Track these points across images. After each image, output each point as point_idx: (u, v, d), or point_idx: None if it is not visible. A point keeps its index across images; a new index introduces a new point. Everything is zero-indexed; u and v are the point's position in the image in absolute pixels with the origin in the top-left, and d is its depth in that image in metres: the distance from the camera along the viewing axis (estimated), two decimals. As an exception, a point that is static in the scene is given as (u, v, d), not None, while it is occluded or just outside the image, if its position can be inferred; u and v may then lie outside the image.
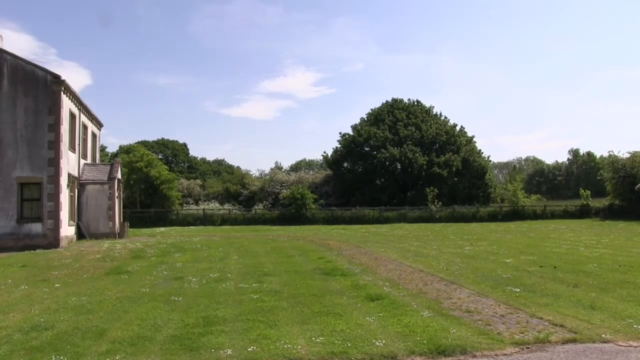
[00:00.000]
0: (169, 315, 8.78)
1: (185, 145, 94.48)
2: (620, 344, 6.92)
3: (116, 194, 30.02)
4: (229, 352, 6.58)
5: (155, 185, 45.60)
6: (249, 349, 6.65)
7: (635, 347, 6.81)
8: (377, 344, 6.81)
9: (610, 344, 6.92)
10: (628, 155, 45.66)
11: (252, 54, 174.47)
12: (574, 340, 7.03)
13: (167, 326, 8.01)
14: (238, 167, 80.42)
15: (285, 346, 6.74)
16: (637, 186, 40.70)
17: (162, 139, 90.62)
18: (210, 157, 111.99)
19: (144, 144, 73.76)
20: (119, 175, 31.25)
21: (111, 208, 29.27)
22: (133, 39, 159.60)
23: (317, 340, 7.04)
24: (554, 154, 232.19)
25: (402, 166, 53.75)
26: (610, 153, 48.03)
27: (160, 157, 70.76)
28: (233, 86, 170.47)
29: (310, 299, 9.98)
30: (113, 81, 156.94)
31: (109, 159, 50.15)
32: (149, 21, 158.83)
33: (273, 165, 76.05)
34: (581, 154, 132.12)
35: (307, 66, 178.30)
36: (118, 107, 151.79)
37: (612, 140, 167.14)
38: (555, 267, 13.98)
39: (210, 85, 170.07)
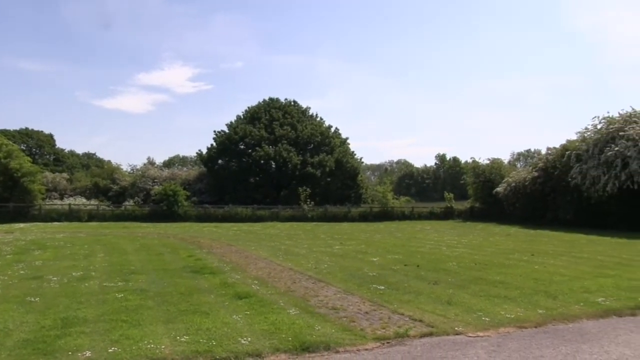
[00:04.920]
0: (23, 317, 8.26)
1: (51, 136, 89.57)
2: (470, 335, 7.46)
3: (-31, 187, 27.77)
4: (88, 354, 6.32)
5: (16, 178, 42.55)
6: (110, 350, 6.44)
7: (482, 336, 7.41)
8: (243, 342, 6.83)
9: (461, 335, 7.45)
10: (488, 162, 48.64)
11: (128, 45, 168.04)
12: (430, 334, 7.46)
13: (20, 330, 7.53)
14: (109, 162, 76.95)
15: (149, 346, 6.59)
16: (495, 190, 43.51)
17: (26, 128, 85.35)
18: (80, 150, 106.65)
19: (4, 133, 68.71)
20: (-27, 167, 28.94)
21: (-37, 202, 27.03)
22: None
23: (182, 339, 6.94)
24: (423, 158, 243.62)
25: (276, 165, 53.96)
26: (473, 159, 51.01)
27: (22, 147, 66.28)
28: (107, 77, 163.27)
29: (177, 297, 9.82)
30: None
31: (-38, 149, 46.23)
32: (15, 1, 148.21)
33: (146, 161, 73.47)
34: (448, 159, 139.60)
35: (184, 61, 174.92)
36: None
37: (476, 147, 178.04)
38: (418, 265, 14.64)
39: (82, 74, 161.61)
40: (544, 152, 43.62)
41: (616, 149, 31.87)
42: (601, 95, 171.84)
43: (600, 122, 36.06)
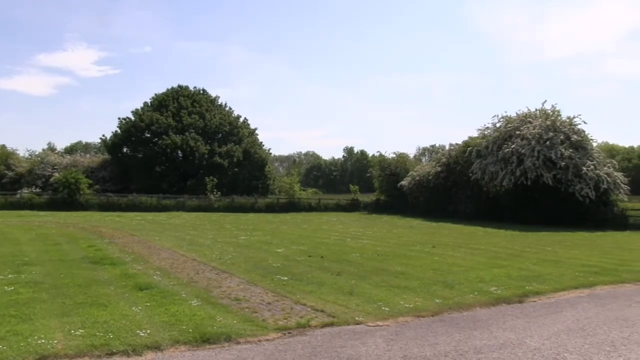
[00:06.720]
0: None
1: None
2: (370, 324, 7.64)
3: None
4: (-32, 353, 5.93)
5: None
6: (-5, 348, 6.06)
7: (381, 326, 7.61)
8: (141, 334, 6.68)
9: (361, 325, 7.60)
10: (394, 156, 49.79)
11: (27, 22, 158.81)
12: (331, 324, 7.56)
13: None
14: (3, 146, 72.69)
15: (39, 342, 6.26)
16: (400, 184, 44.64)
17: None
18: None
19: None
20: None
21: None
22: None
23: (77, 333, 6.68)
24: (332, 150, 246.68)
25: (183, 154, 53.00)
26: (379, 153, 52.02)
27: None
28: (2, 55, 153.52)
29: (74, 289, 9.43)
30: None
31: None
32: None
33: (46, 146, 69.98)
34: (355, 152, 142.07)
35: (89, 43, 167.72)
36: None
37: (383, 141, 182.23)
38: (322, 256, 14.80)
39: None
40: (447, 147, 45.24)
41: (512, 146, 33.57)
42: (502, 95, 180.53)
43: (499, 121, 37.91)
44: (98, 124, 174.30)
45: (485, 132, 38.54)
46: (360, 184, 56.17)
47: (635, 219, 31.81)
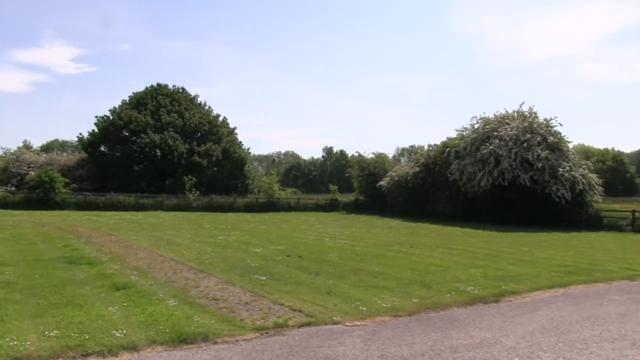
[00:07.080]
0: None
1: None
2: (347, 324, 7.65)
3: None
4: (-64, 357, 5.81)
5: None
6: (-36, 351, 5.95)
7: (358, 325, 7.63)
8: (117, 334, 6.61)
9: (339, 325, 7.61)
10: (372, 156, 49.98)
11: (1, 17, 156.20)
12: (309, 324, 7.55)
13: None
14: (-25, 144, 71.75)
15: (12, 343, 6.16)
16: (379, 184, 44.81)
17: None
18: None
19: None
20: None
21: None
22: None
23: (51, 334, 6.58)
24: (311, 150, 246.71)
25: (162, 153, 52.61)
26: (358, 153, 52.18)
27: None
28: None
29: (49, 289, 9.31)
30: None
31: None
32: None
33: (21, 144, 68.95)
34: (335, 152, 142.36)
35: (67, 40, 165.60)
36: None
37: (362, 141, 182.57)
38: (300, 256, 14.79)
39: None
40: (426, 148, 45.51)
41: (490, 147, 33.85)
42: (481, 96, 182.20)
43: (477, 122, 38.25)
44: (75, 122, 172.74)
45: (464, 133, 38.84)
46: (339, 184, 56.32)
47: (609, 220, 32.20)
